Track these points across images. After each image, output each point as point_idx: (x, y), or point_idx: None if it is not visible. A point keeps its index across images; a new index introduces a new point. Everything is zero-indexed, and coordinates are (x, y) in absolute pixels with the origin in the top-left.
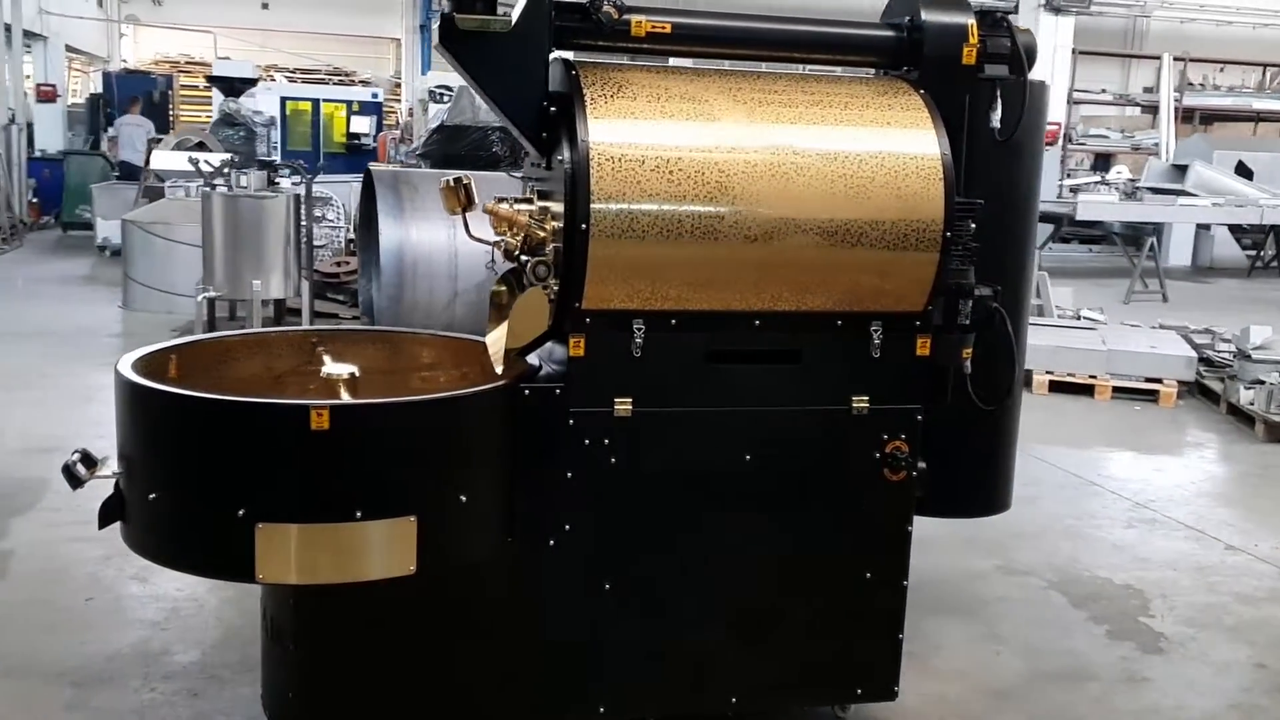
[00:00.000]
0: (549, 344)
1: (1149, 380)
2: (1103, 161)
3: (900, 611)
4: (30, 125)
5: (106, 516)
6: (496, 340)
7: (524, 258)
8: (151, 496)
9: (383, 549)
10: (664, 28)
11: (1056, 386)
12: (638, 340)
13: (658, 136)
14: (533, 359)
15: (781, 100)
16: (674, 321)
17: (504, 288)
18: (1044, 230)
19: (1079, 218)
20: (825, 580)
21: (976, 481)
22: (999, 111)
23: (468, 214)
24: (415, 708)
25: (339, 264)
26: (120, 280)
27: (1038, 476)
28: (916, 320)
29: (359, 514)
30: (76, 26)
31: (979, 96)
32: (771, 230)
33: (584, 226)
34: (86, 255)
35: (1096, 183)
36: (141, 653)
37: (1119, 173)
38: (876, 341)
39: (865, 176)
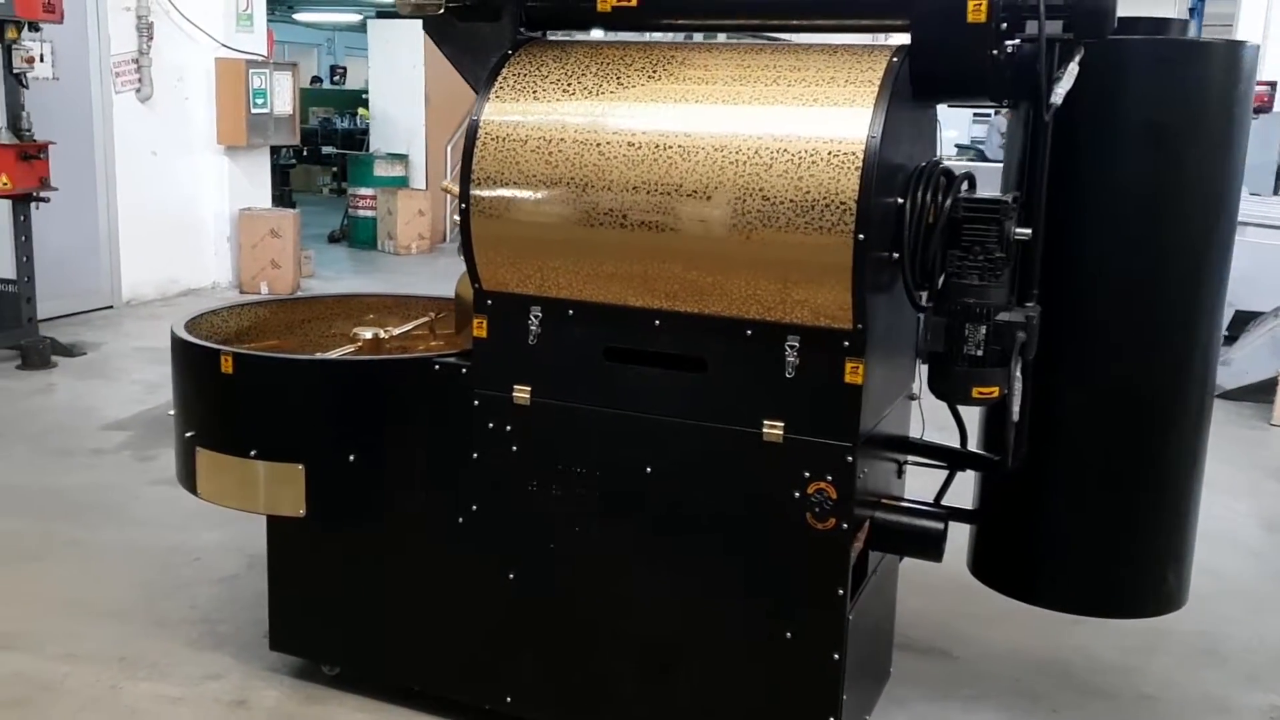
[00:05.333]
0: None
1: None
2: None
3: (834, 689)
4: None
5: None
6: None
7: None
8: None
9: (275, 488)
10: (630, 1)
11: None
12: (533, 328)
13: (549, 116)
14: None
15: (700, 76)
16: (571, 312)
17: None
18: None
19: None
20: (735, 631)
21: (1104, 570)
22: (1066, 83)
23: None
24: (361, 651)
25: None
26: None
27: None
28: (845, 340)
29: (253, 452)
30: None
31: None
32: (650, 221)
33: (464, 206)
34: None
35: None
36: None
37: None
38: (791, 360)
39: (760, 164)
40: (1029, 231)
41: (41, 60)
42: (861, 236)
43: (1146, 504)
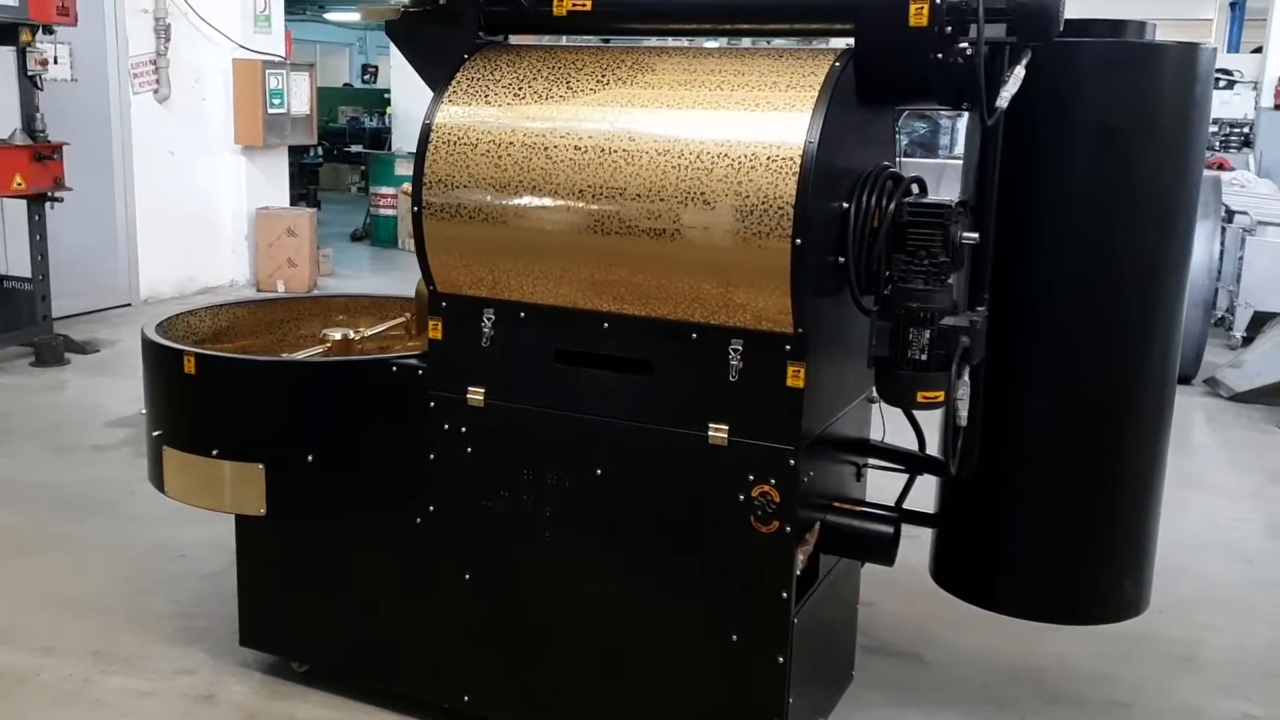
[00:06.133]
0: None
1: None
2: None
3: (778, 691)
4: None
5: None
6: None
7: None
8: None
9: (236, 487)
10: (584, 5)
11: None
12: (486, 330)
13: (499, 120)
14: None
15: (649, 80)
16: (522, 314)
17: None
18: None
19: None
20: (684, 632)
21: (1060, 575)
22: (1012, 86)
23: None
24: (326, 648)
25: None
26: None
27: None
28: (786, 343)
29: (215, 452)
30: None
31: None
32: (596, 224)
33: (417, 209)
34: None
35: None
36: None
37: None
38: (735, 363)
39: (702, 169)
40: (976, 236)
41: (56, 62)
42: (799, 241)
43: (1103, 508)
